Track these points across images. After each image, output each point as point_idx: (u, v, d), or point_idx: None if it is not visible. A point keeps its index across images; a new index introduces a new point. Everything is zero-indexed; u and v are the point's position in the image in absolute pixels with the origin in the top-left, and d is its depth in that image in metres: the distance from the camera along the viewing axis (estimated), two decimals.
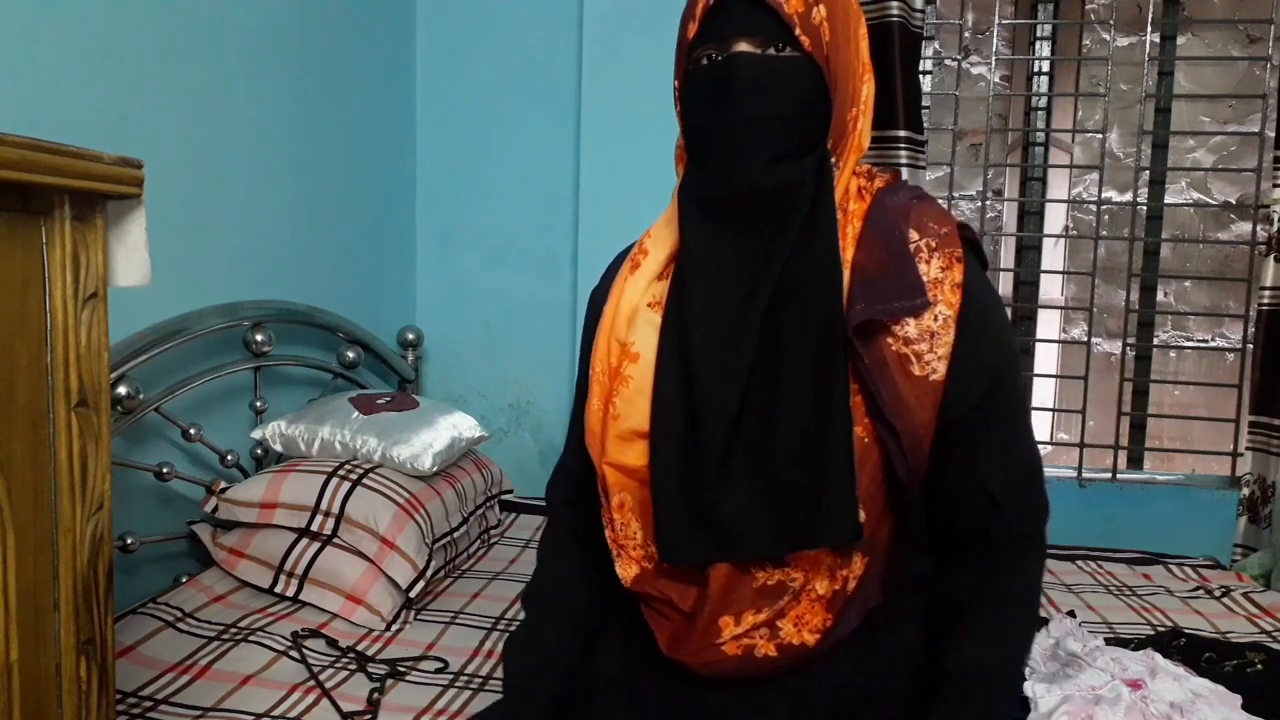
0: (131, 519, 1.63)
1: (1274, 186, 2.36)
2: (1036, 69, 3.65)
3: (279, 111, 2.04)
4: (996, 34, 2.86)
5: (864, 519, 0.82)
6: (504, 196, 2.64)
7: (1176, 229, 4.09)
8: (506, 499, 2.33)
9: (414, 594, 1.67)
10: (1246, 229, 3.65)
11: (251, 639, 1.50)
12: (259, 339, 1.92)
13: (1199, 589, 2.03)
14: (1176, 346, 4.27)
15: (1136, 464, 2.83)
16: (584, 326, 1.01)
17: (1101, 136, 2.78)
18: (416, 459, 1.84)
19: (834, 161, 0.86)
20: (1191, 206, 4.10)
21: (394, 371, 2.46)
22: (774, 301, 0.82)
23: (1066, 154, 4.27)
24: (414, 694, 1.38)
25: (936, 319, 0.83)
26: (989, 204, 3.33)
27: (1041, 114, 3.64)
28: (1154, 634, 1.66)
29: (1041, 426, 4.03)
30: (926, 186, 2.42)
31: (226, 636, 1.50)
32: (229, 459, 1.84)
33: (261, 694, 1.34)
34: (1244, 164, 3.49)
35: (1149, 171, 2.81)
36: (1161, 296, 3.99)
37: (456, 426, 2.01)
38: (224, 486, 1.77)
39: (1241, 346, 2.63)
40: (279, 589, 1.66)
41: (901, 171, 2.35)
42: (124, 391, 1.54)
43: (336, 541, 1.68)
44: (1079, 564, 2.20)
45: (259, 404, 1.97)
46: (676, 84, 0.89)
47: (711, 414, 0.82)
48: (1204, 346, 4.20)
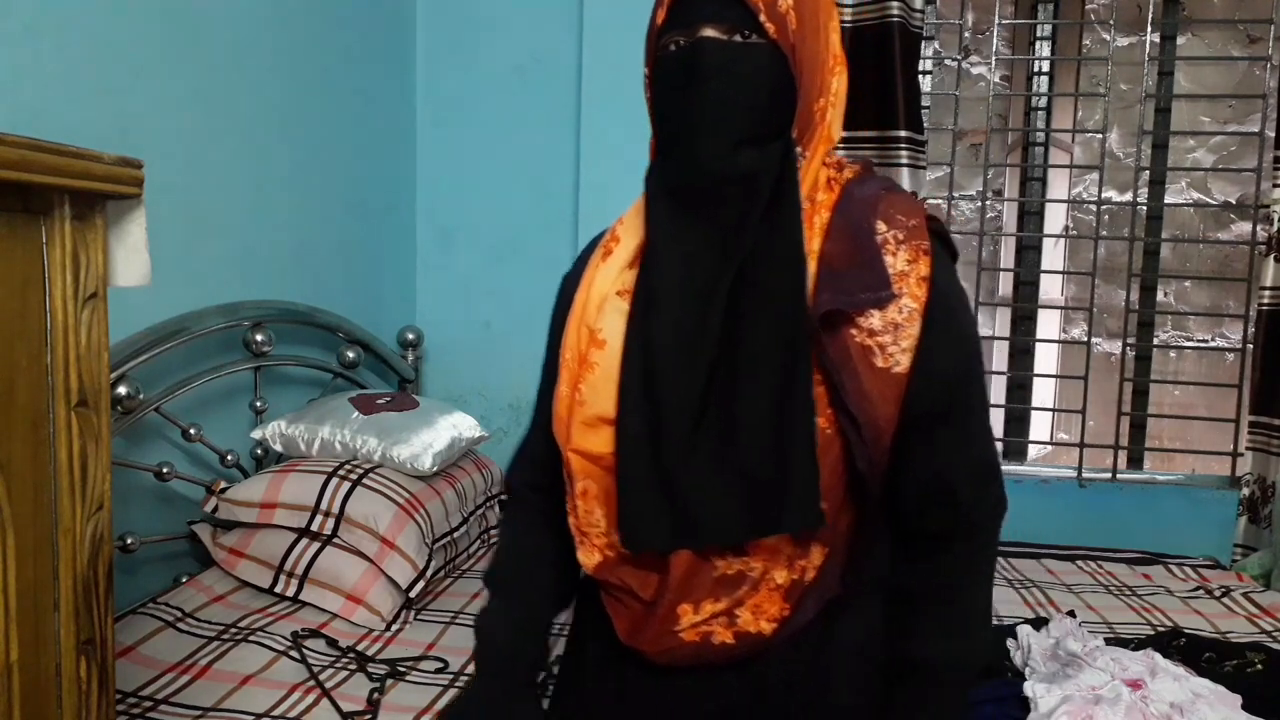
0: (131, 519, 1.63)
1: (1274, 186, 2.36)
2: (1036, 69, 3.65)
3: (279, 111, 2.04)
4: (996, 34, 2.86)
5: (825, 509, 0.83)
6: (504, 196, 2.64)
7: (1176, 229, 4.09)
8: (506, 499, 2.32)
9: (414, 594, 1.67)
10: (1246, 229, 3.65)
11: (251, 639, 1.50)
12: (259, 339, 1.92)
13: (1199, 589, 2.03)
14: (1176, 346, 4.27)
15: (1136, 464, 2.83)
16: (554, 310, 1.02)
17: (1101, 136, 2.78)
18: (416, 459, 1.84)
19: (800, 151, 0.86)
20: (1191, 206, 4.10)
21: (394, 371, 2.46)
22: (737, 290, 0.83)
23: (1066, 154, 4.27)
24: (414, 694, 1.38)
25: (901, 311, 0.83)
26: (989, 204, 3.33)
27: (1041, 114, 3.64)
28: (1154, 634, 1.66)
29: (1041, 426, 4.02)
30: (927, 187, 2.42)
31: (226, 636, 1.50)
32: (229, 459, 1.84)
33: (261, 694, 1.34)
34: (1244, 164, 3.49)
35: (1149, 171, 2.81)
36: (1161, 296, 4.00)
37: (456, 426, 2.01)
38: (224, 486, 1.77)
39: (1241, 346, 2.63)
40: (279, 589, 1.66)
41: (906, 169, 2.35)
42: (124, 391, 1.54)
43: (336, 541, 1.68)
44: (1079, 564, 2.20)
45: (259, 404, 1.97)
46: (646, 71, 0.90)
47: (673, 402, 0.83)
48: (1204, 346, 4.21)
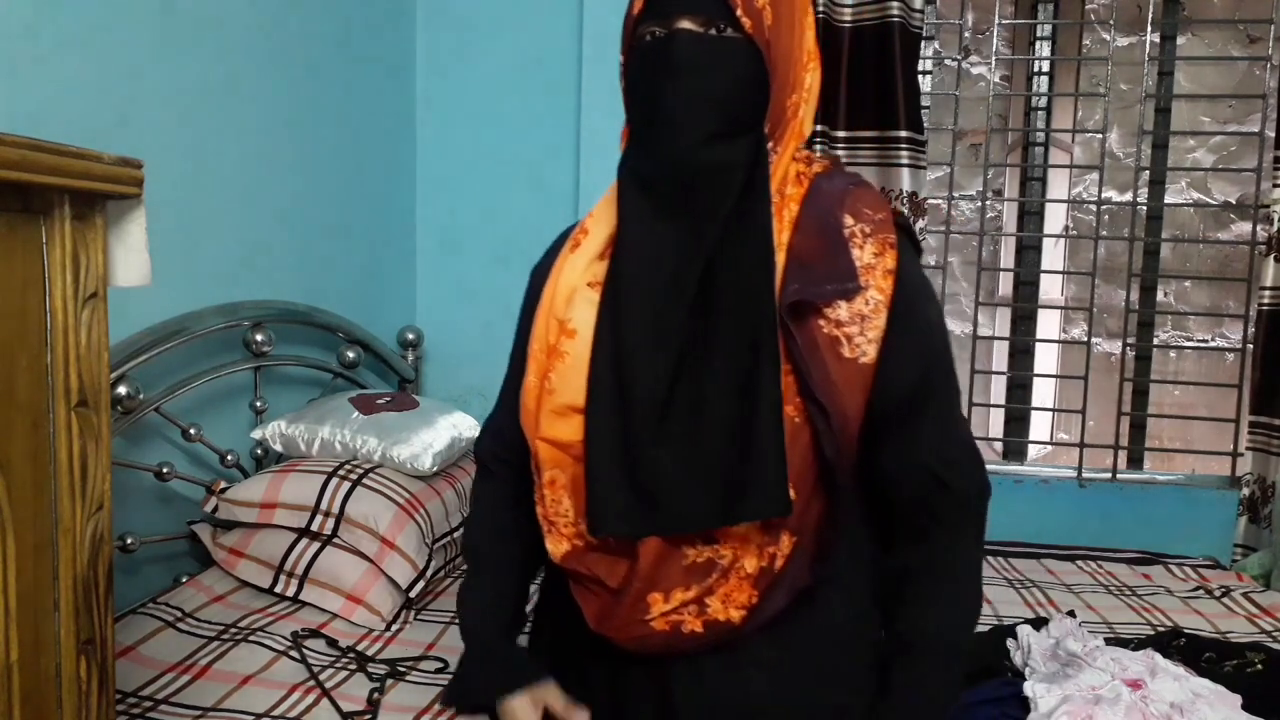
0: (131, 519, 1.63)
1: (1274, 186, 2.36)
2: (1036, 69, 3.65)
3: (279, 112, 2.04)
4: (996, 34, 2.86)
5: (794, 497, 0.83)
6: (504, 196, 2.64)
7: (1176, 229, 4.09)
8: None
9: (414, 594, 1.67)
10: (1246, 229, 3.65)
11: (251, 639, 1.50)
12: (259, 339, 1.92)
13: (1199, 589, 2.03)
14: (1176, 346, 4.28)
15: (1136, 464, 2.83)
16: (524, 300, 1.03)
17: (1101, 136, 2.78)
18: (416, 459, 1.84)
19: (772, 146, 0.87)
20: (1191, 206, 4.11)
21: (394, 371, 2.46)
22: (707, 280, 0.84)
23: (1066, 154, 4.27)
24: (414, 694, 1.38)
25: (868, 303, 0.85)
26: (989, 204, 3.33)
27: (1041, 114, 3.64)
28: (1154, 634, 1.66)
29: (1041, 426, 4.03)
30: (927, 187, 2.42)
31: (226, 636, 1.50)
32: (229, 459, 1.84)
33: (261, 694, 1.34)
34: (1244, 164, 3.49)
35: (1149, 171, 2.81)
36: (1161, 296, 4.00)
37: (456, 426, 2.01)
38: (224, 486, 1.77)
39: (1241, 346, 2.63)
40: (279, 589, 1.66)
41: (906, 169, 2.35)
42: (124, 391, 1.54)
43: (336, 541, 1.68)
44: (1079, 564, 2.20)
45: (259, 404, 1.97)
46: (622, 60, 0.91)
47: (642, 391, 0.84)
48: (1204, 346, 4.21)
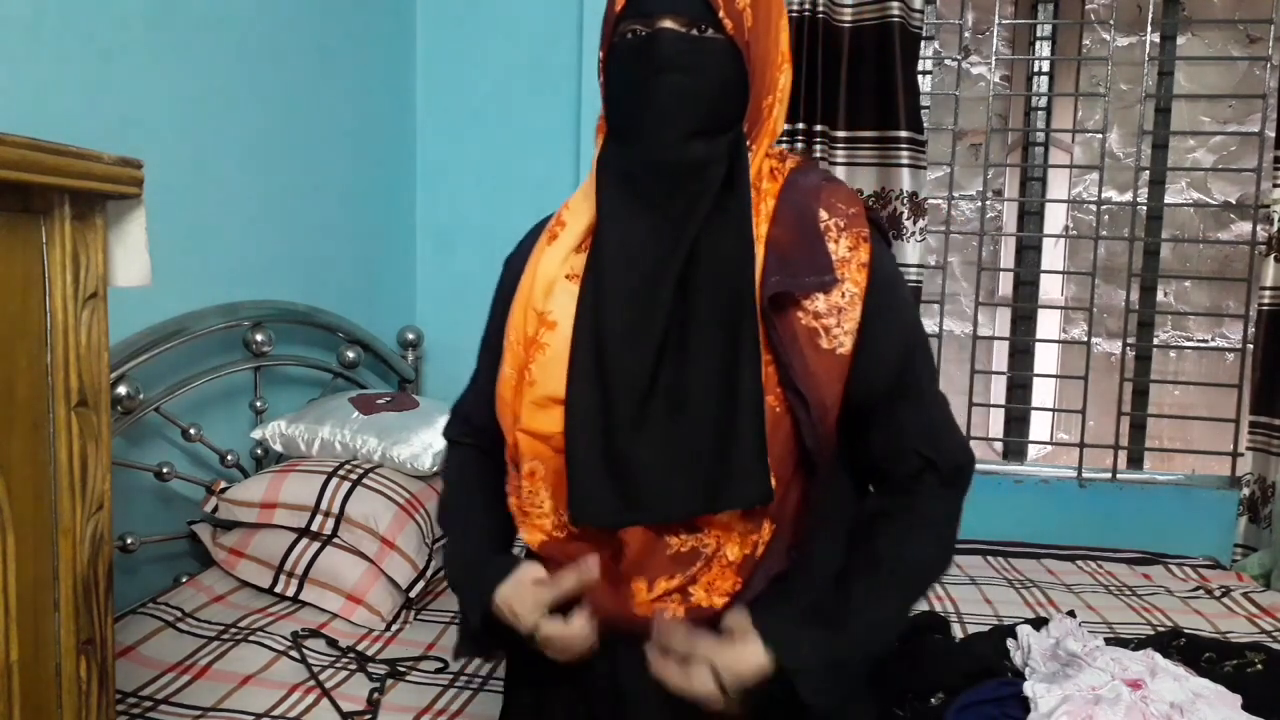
0: (131, 519, 1.63)
1: (1274, 186, 2.36)
2: (1036, 69, 3.65)
3: (279, 111, 2.04)
4: (996, 34, 2.86)
5: (775, 485, 0.84)
6: (504, 196, 2.64)
7: (1176, 229, 4.09)
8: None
9: (414, 594, 1.67)
10: (1246, 229, 3.65)
11: (251, 639, 1.50)
12: (259, 339, 1.92)
13: (1199, 589, 2.03)
14: (1176, 346, 4.27)
15: (1136, 464, 2.82)
16: (497, 290, 1.04)
17: (1101, 136, 2.78)
18: (416, 459, 1.84)
19: (748, 144, 0.89)
20: (1191, 206, 4.10)
21: (394, 371, 2.46)
22: (688, 272, 0.85)
23: (1066, 154, 4.27)
24: (414, 694, 1.38)
25: (844, 295, 0.87)
26: (989, 204, 3.33)
27: (1041, 114, 3.64)
28: (1154, 634, 1.66)
29: (1041, 426, 4.02)
30: (927, 187, 2.42)
31: (226, 636, 1.50)
32: (229, 459, 1.84)
33: (261, 694, 1.34)
34: (1244, 164, 3.48)
35: (1149, 171, 2.81)
36: (1161, 296, 3.99)
37: None
38: (224, 486, 1.77)
39: (1241, 346, 2.63)
40: (279, 589, 1.66)
41: (906, 169, 2.35)
42: (124, 391, 1.54)
43: (336, 541, 1.68)
44: (1079, 564, 2.19)
45: (259, 404, 1.97)
46: (601, 55, 0.92)
47: (623, 381, 0.85)
48: (1204, 346, 4.20)
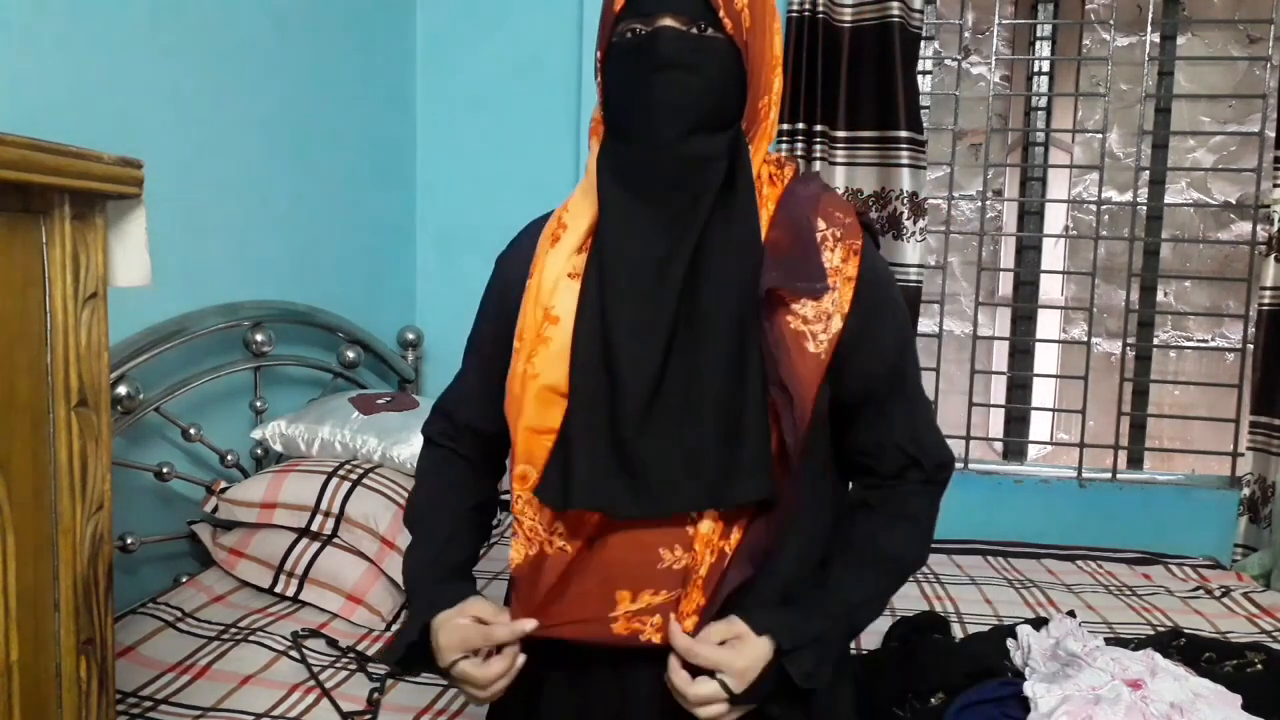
0: (131, 519, 1.63)
1: (1274, 186, 2.36)
2: (1036, 69, 3.66)
3: (279, 111, 2.04)
4: (996, 34, 2.86)
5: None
6: (504, 196, 2.64)
7: (1176, 229, 4.09)
8: (506, 499, 2.31)
9: None
10: (1246, 229, 3.64)
11: (251, 639, 1.50)
12: (259, 339, 1.92)
13: (1199, 589, 2.03)
14: (1176, 346, 4.27)
15: (1136, 464, 2.83)
16: (488, 287, 1.06)
17: (1101, 136, 2.78)
18: (416, 459, 1.83)
19: (747, 145, 0.90)
20: (1191, 206, 4.10)
21: (394, 371, 2.46)
22: (692, 268, 0.86)
23: (1066, 154, 4.27)
24: (414, 694, 1.38)
25: (833, 303, 0.88)
26: (989, 204, 3.33)
27: (1041, 114, 3.65)
28: (1154, 634, 1.66)
29: (1041, 426, 4.02)
30: (927, 187, 2.42)
31: (226, 636, 1.50)
32: (229, 459, 1.84)
33: (261, 694, 1.34)
34: (1244, 164, 3.48)
35: (1149, 171, 2.81)
36: (1161, 296, 3.99)
37: None
38: (224, 486, 1.77)
39: (1241, 346, 2.63)
40: (279, 589, 1.66)
41: (906, 169, 2.35)
42: (124, 391, 1.54)
43: (336, 541, 1.68)
44: (1079, 564, 2.20)
45: (259, 404, 1.97)
46: (598, 55, 0.92)
47: (629, 374, 0.85)
48: (1204, 346, 4.20)
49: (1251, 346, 2.49)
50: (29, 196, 0.79)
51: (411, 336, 2.54)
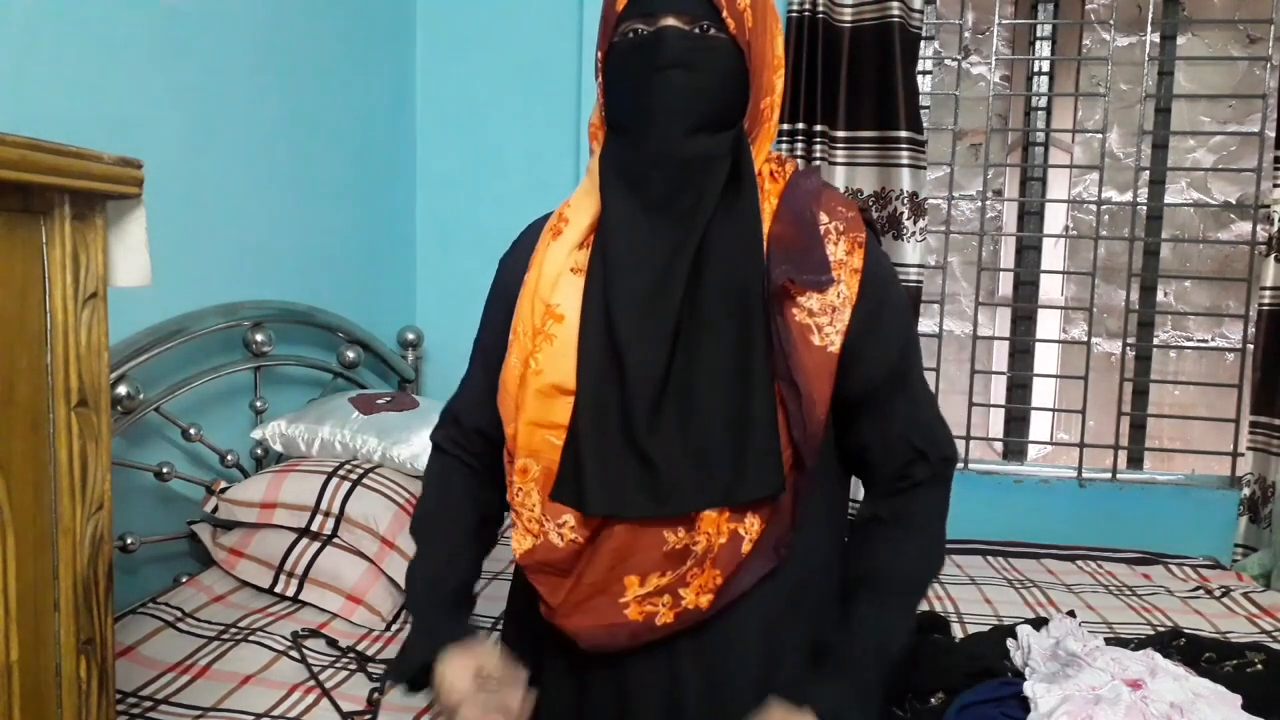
0: (131, 519, 1.63)
1: (1274, 186, 2.36)
2: (1036, 69, 3.65)
3: (279, 111, 2.04)
4: (996, 34, 2.86)
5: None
6: (504, 196, 2.64)
7: (1176, 229, 4.09)
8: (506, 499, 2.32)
9: None
10: (1246, 229, 3.64)
11: (251, 639, 1.50)
12: (259, 339, 1.92)
13: (1199, 589, 2.03)
14: (1176, 346, 4.27)
15: (1136, 464, 2.83)
16: (491, 289, 1.05)
17: (1101, 136, 2.78)
18: (416, 459, 1.84)
19: (749, 144, 0.91)
20: (1191, 206, 4.10)
21: (394, 371, 2.46)
22: (698, 263, 0.86)
23: (1066, 154, 4.27)
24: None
25: (838, 296, 0.89)
26: (989, 204, 3.33)
27: (1041, 114, 3.65)
28: (1154, 634, 1.66)
29: (1041, 426, 4.02)
30: (927, 187, 2.42)
31: (226, 636, 1.50)
32: (229, 459, 1.84)
33: (261, 694, 1.34)
34: (1244, 164, 3.48)
35: (1149, 171, 2.81)
36: (1161, 296, 3.99)
37: None
38: (224, 486, 1.77)
39: (1241, 346, 2.63)
40: (279, 589, 1.66)
41: (906, 169, 2.35)
42: (124, 391, 1.54)
43: (336, 541, 1.68)
44: (1079, 564, 2.19)
45: (259, 404, 1.97)
46: (600, 54, 0.93)
47: (636, 370, 0.85)
48: (1204, 346, 4.20)
49: (1251, 346, 2.49)
50: (29, 196, 0.79)
51: (411, 336, 2.54)
